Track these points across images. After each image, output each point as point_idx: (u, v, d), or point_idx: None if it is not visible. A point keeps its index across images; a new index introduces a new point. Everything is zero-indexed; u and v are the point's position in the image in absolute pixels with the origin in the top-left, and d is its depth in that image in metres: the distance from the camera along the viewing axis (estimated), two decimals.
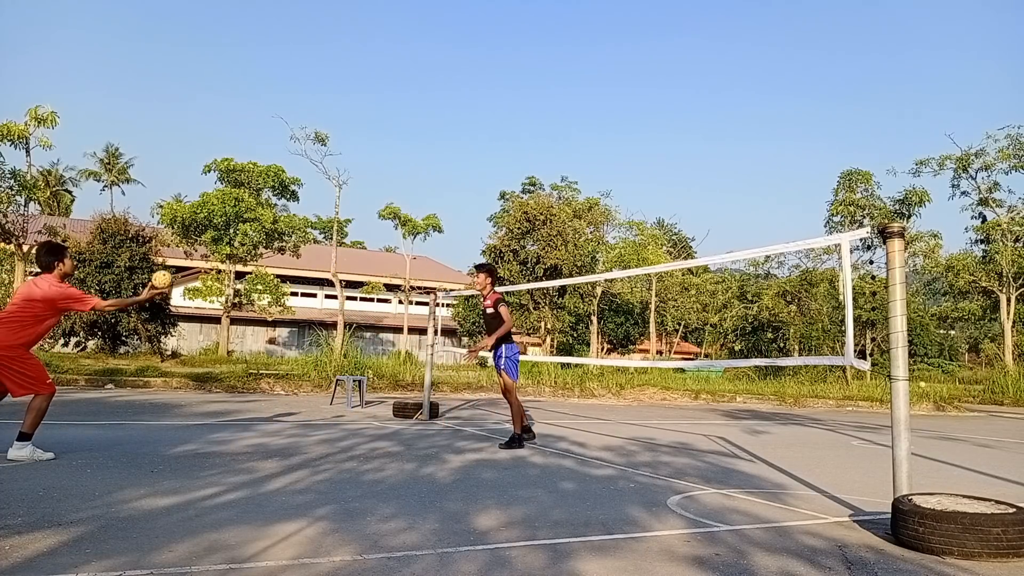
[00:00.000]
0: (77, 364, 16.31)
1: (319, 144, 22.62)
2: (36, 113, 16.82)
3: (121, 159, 55.60)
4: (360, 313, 37.16)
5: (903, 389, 3.89)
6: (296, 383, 14.34)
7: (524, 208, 28.69)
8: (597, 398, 15.84)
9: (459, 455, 6.32)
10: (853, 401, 16.71)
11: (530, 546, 3.31)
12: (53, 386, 5.36)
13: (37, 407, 5.25)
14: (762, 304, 29.98)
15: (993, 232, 23.96)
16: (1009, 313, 23.59)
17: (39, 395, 5.27)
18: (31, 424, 5.22)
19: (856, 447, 8.33)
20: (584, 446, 7.32)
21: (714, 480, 5.45)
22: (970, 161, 23.74)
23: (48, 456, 5.23)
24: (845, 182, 25.58)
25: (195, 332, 32.73)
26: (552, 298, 28.53)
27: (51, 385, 5.34)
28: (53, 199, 50.62)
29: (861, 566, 3.16)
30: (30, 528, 3.29)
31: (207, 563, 2.86)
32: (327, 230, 51.43)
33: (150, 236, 22.53)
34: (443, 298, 8.65)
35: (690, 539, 3.54)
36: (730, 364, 10.96)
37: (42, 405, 5.28)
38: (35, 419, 5.24)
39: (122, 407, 9.69)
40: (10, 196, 17.29)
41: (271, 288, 25.13)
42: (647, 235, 31.66)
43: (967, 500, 3.73)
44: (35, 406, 5.25)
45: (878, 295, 24.59)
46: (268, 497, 4.21)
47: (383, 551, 3.13)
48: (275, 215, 24.63)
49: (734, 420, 11.64)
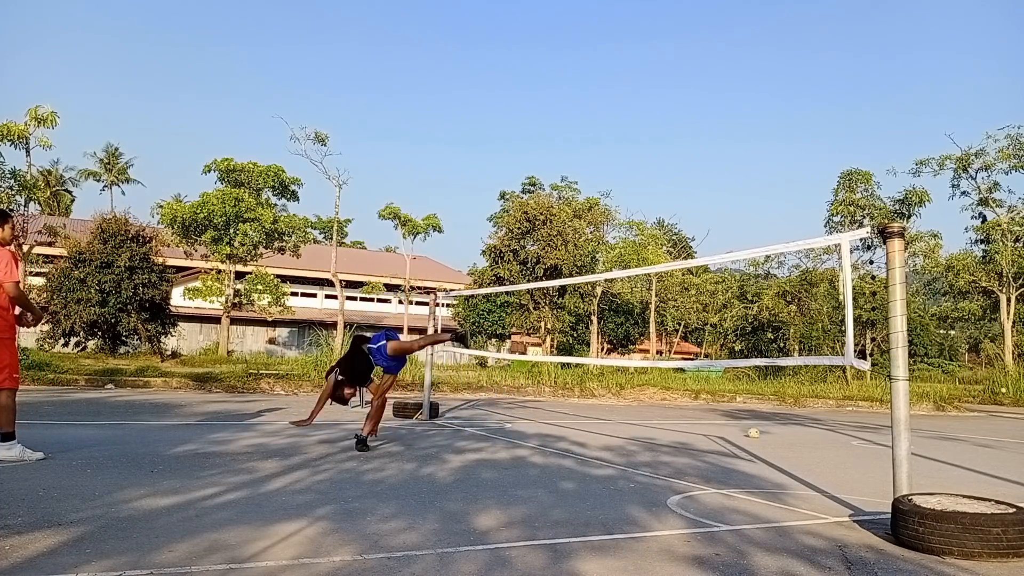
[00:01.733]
0: (77, 364, 16.31)
1: (319, 144, 22.65)
2: (36, 113, 16.83)
3: (121, 159, 55.62)
4: (360, 313, 37.14)
5: (903, 389, 3.89)
6: (296, 383, 14.34)
7: (524, 208, 28.68)
8: (597, 398, 15.83)
9: (459, 455, 6.32)
10: (853, 401, 16.70)
11: (530, 546, 3.31)
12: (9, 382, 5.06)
13: (3, 404, 5.03)
14: (762, 304, 29.97)
15: (993, 232, 23.96)
16: (1009, 313, 23.59)
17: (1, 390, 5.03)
18: (6, 421, 5.03)
19: (856, 447, 8.33)
20: (584, 446, 7.32)
21: (714, 480, 5.45)
22: (970, 161, 23.75)
23: (38, 456, 5.09)
24: (845, 182, 25.57)
25: (195, 332, 32.72)
26: (552, 298, 28.52)
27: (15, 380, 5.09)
28: (53, 199, 50.59)
29: (861, 566, 3.16)
30: (30, 528, 3.29)
31: (207, 563, 2.86)
32: (327, 230, 51.45)
33: (150, 236, 22.50)
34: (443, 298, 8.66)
35: (690, 539, 3.54)
36: (730, 364, 10.98)
37: (7, 402, 5.03)
38: (7, 416, 5.02)
39: (122, 407, 9.69)
40: (10, 196, 17.29)
41: (271, 288, 25.12)
42: (647, 235, 31.64)
43: (967, 500, 3.73)
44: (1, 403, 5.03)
45: (878, 295, 24.58)
46: (268, 497, 4.21)
47: (383, 551, 3.13)
48: (275, 215, 24.62)
49: (734, 420, 11.63)
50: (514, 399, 14.55)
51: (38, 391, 11.83)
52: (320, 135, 22.44)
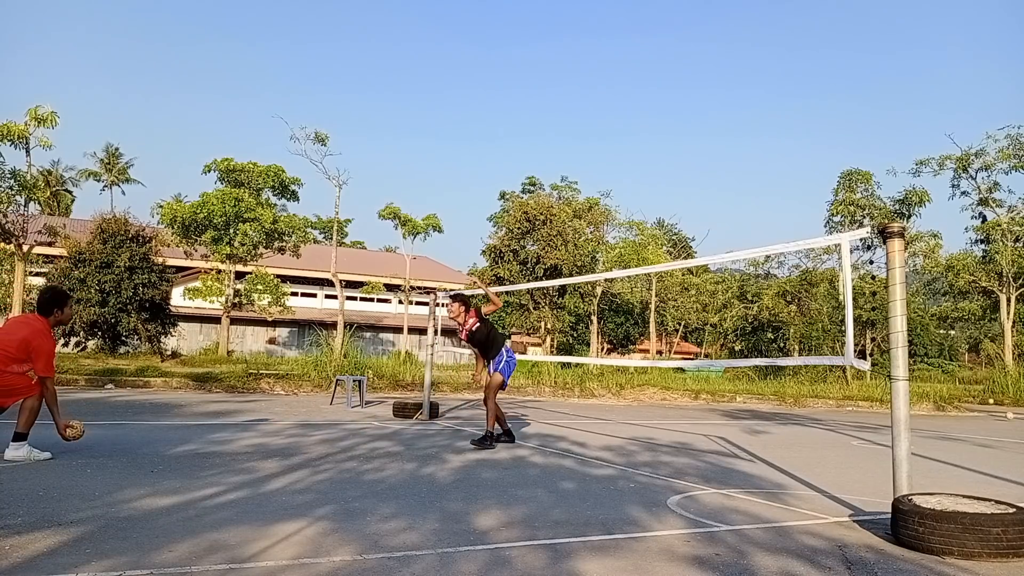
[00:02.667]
0: (77, 364, 16.31)
1: (319, 144, 22.59)
2: (36, 113, 16.79)
3: (121, 159, 55.58)
4: (360, 313, 37.13)
5: (903, 389, 3.89)
6: (296, 383, 14.35)
7: (524, 208, 28.69)
8: (597, 398, 15.84)
9: (459, 455, 6.32)
10: (853, 401, 16.71)
11: (530, 546, 3.31)
12: (38, 387, 5.30)
13: (30, 407, 5.26)
14: (762, 304, 29.96)
15: (993, 232, 23.94)
16: (1009, 313, 23.58)
17: (29, 396, 5.27)
18: (25, 423, 5.23)
19: (856, 447, 8.33)
20: (584, 446, 7.32)
21: (714, 480, 5.45)
22: (970, 161, 23.72)
23: (45, 456, 5.23)
24: (845, 182, 25.56)
25: (195, 332, 32.71)
26: (552, 298, 28.52)
27: (36, 387, 5.29)
28: (53, 199, 50.58)
29: (861, 566, 3.16)
30: (30, 528, 3.29)
31: (207, 563, 2.86)
32: (327, 230, 51.41)
33: (150, 236, 22.50)
34: (443, 298, 8.68)
35: (690, 539, 3.54)
36: (730, 364, 10.98)
37: (34, 404, 5.28)
38: (29, 418, 5.24)
39: (122, 407, 9.69)
40: (10, 196, 17.26)
41: (271, 288, 25.11)
42: (647, 235, 31.62)
43: (967, 500, 3.73)
44: (27, 406, 5.26)
45: (878, 295, 24.57)
46: (268, 497, 4.21)
47: (383, 551, 3.14)
48: (275, 215, 24.60)
49: (734, 420, 11.63)
50: (514, 399, 14.55)
51: None
52: (320, 135, 22.40)
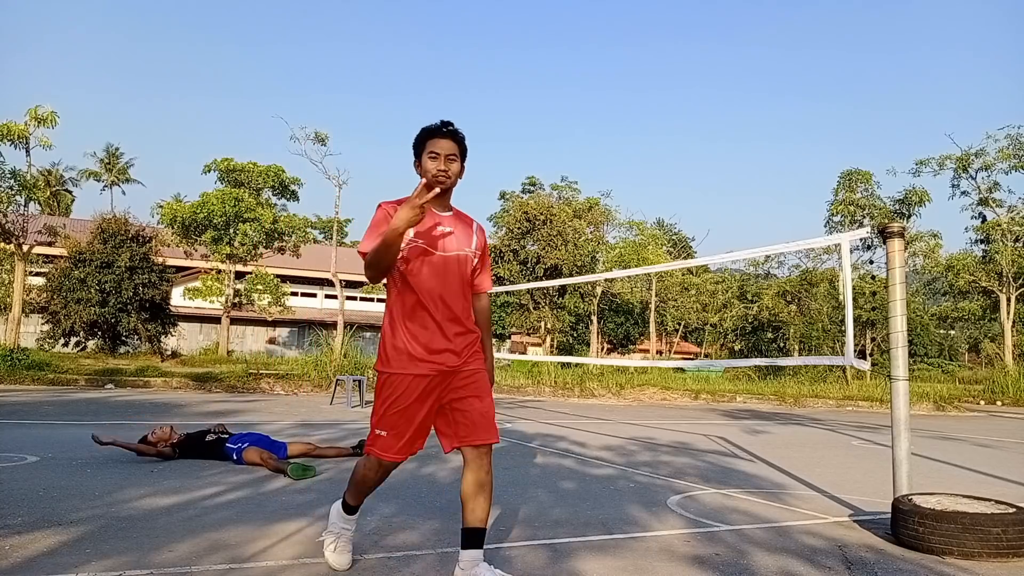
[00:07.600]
0: (77, 364, 16.31)
1: (319, 144, 22.56)
2: (36, 113, 16.79)
3: (121, 159, 55.58)
4: (360, 313, 37.11)
5: (903, 389, 3.89)
6: (296, 383, 14.35)
7: (524, 208, 28.69)
8: (597, 398, 15.84)
9: (459, 455, 6.30)
10: (853, 401, 16.70)
11: (530, 546, 3.31)
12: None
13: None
14: (762, 304, 29.96)
15: (993, 232, 23.95)
16: (1009, 313, 23.58)
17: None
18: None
19: (856, 447, 8.33)
20: (584, 446, 7.32)
21: (714, 480, 5.45)
22: (970, 161, 23.73)
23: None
24: (845, 182, 25.57)
25: (195, 332, 32.71)
26: (552, 298, 28.52)
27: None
28: (53, 199, 50.58)
29: (861, 566, 3.16)
30: (30, 528, 3.29)
31: (208, 563, 2.86)
32: (327, 230, 51.44)
33: (150, 236, 22.54)
34: None
35: (690, 539, 3.54)
36: (730, 364, 10.98)
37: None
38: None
39: (122, 407, 9.70)
40: (10, 196, 17.25)
41: (271, 288, 25.14)
42: (647, 235, 31.63)
43: (967, 500, 3.73)
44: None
45: (878, 295, 24.58)
46: (268, 497, 4.21)
47: (383, 551, 3.14)
48: (275, 215, 24.63)
49: (734, 420, 11.63)
50: (514, 399, 14.55)
51: (38, 391, 11.83)
52: (320, 135, 22.38)
